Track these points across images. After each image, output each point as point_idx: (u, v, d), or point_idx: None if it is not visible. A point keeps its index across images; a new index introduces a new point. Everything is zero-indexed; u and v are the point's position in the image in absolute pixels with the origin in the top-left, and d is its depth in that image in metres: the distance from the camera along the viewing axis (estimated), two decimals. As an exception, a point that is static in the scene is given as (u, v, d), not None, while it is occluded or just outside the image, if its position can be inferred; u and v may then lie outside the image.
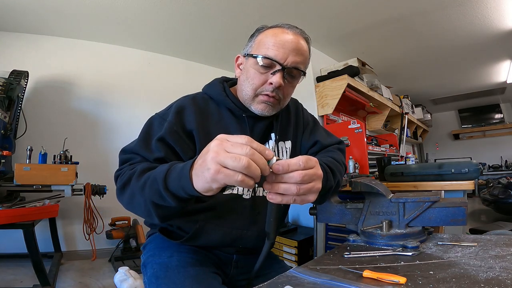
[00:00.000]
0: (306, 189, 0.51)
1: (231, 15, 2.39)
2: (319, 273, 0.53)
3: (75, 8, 2.20)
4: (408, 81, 4.19)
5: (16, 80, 2.04)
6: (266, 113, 0.75)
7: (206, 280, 0.68)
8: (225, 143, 0.45)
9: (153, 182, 0.55)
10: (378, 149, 3.00)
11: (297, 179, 0.49)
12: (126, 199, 0.61)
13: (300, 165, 0.49)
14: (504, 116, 5.44)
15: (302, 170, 0.49)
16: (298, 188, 0.50)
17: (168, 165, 0.55)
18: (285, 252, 2.03)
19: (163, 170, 0.54)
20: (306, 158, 0.51)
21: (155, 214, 0.58)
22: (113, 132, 2.76)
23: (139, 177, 0.58)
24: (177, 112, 0.73)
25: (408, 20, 2.52)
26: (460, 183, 1.46)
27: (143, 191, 0.56)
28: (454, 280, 0.45)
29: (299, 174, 0.49)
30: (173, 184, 0.52)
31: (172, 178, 0.52)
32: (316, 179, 0.53)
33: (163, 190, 0.53)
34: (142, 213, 0.61)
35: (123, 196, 0.62)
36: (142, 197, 0.57)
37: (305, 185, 0.50)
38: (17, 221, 1.54)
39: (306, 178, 0.50)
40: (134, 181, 0.59)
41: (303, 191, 0.50)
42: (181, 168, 0.52)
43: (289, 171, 0.49)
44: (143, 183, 0.56)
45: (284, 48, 0.69)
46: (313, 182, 0.52)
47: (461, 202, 0.67)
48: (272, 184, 0.50)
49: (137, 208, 0.61)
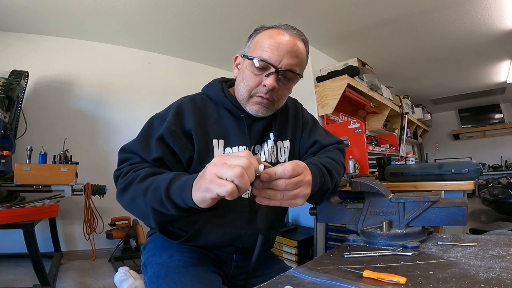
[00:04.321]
0: (291, 196, 0.55)
1: (231, 15, 2.38)
2: (319, 273, 0.53)
3: (75, 8, 2.20)
4: (408, 81, 4.19)
5: (16, 80, 2.04)
6: (261, 114, 0.76)
7: (207, 279, 0.68)
8: (226, 156, 0.48)
9: (156, 189, 0.56)
10: (378, 149, 3.00)
11: (281, 187, 0.53)
12: (127, 201, 0.62)
13: (285, 174, 0.52)
14: (504, 116, 5.44)
15: (287, 179, 0.53)
16: (282, 195, 0.54)
17: (173, 174, 0.57)
18: (285, 252, 2.03)
19: (166, 179, 0.56)
20: (294, 165, 0.54)
21: (153, 219, 0.60)
22: (113, 132, 2.76)
23: (142, 181, 0.60)
24: (176, 112, 0.74)
25: (408, 20, 2.52)
26: (460, 183, 1.46)
27: (145, 196, 0.58)
28: (454, 280, 0.45)
29: (282, 182, 0.53)
30: (175, 193, 0.54)
31: (174, 188, 0.54)
32: (303, 185, 0.56)
33: (164, 198, 0.54)
34: (140, 216, 0.62)
35: (123, 198, 0.63)
36: (144, 202, 0.58)
37: (290, 192, 0.54)
38: (17, 221, 1.53)
39: (290, 186, 0.53)
40: (136, 185, 0.60)
41: (287, 197, 0.54)
42: (185, 179, 0.54)
43: (275, 179, 0.52)
44: (146, 188, 0.58)
45: (279, 50, 0.69)
46: (299, 189, 0.55)
47: (461, 202, 0.67)
48: (260, 190, 0.54)
49: (136, 211, 0.62)
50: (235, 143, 0.76)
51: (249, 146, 0.77)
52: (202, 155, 0.73)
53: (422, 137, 5.60)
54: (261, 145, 0.81)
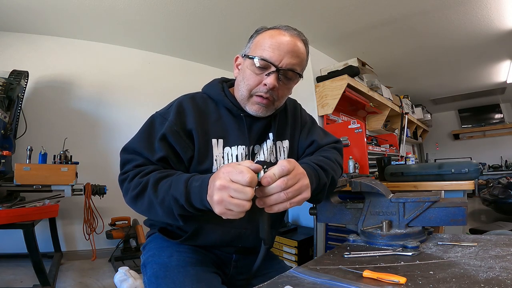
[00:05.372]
0: (294, 191, 0.55)
1: (231, 15, 2.38)
2: (319, 273, 0.53)
3: (75, 8, 2.20)
4: (408, 81, 4.18)
5: (16, 80, 2.04)
6: (260, 114, 0.76)
7: (206, 279, 0.68)
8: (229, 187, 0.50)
9: (176, 201, 0.59)
10: (378, 149, 3.00)
11: (281, 186, 0.53)
12: (143, 209, 0.65)
13: (283, 169, 0.53)
14: (504, 116, 5.44)
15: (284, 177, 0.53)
16: (286, 194, 0.54)
17: (183, 185, 0.59)
18: (285, 252, 2.03)
19: (181, 192, 0.58)
20: (286, 161, 0.55)
21: (181, 221, 0.62)
22: (113, 132, 2.76)
23: (155, 190, 0.62)
24: (178, 112, 0.74)
25: (408, 20, 2.52)
26: (460, 183, 1.46)
27: (164, 205, 0.60)
28: (454, 280, 0.45)
29: (281, 181, 0.53)
30: (196, 203, 0.58)
31: (194, 200, 0.57)
32: (301, 177, 0.57)
33: (188, 208, 0.59)
34: (163, 219, 0.65)
35: (137, 205, 0.65)
36: (164, 210, 0.61)
37: (291, 187, 0.54)
38: (17, 221, 1.53)
39: (290, 182, 0.54)
40: (152, 194, 0.62)
41: (291, 194, 0.54)
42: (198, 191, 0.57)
43: (277, 179, 0.53)
44: (162, 199, 0.60)
45: (280, 50, 0.70)
46: (299, 182, 0.56)
47: (461, 202, 0.67)
48: (263, 200, 0.54)
49: (155, 215, 0.65)
50: (235, 142, 0.77)
51: (248, 145, 0.77)
52: (202, 155, 0.73)
53: (422, 137, 5.60)
54: (260, 145, 0.82)
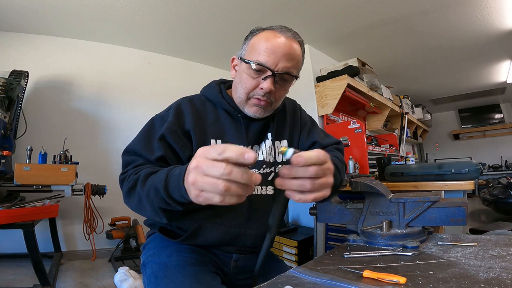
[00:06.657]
0: (319, 185, 0.50)
1: (231, 15, 2.38)
2: (319, 273, 0.53)
3: (75, 8, 2.20)
4: (408, 81, 4.18)
5: (16, 80, 2.04)
6: (259, 115, 0.77)
7: (205, 279, 0.68)
8: (202, 164, 0.43)
9: (156, 192, 0.55)
10: (378, 149, 3.00)
11: (312, 173, 0.48)
12: (134, 204, 0.64)
13: (320, 158, 0.48)
14: (504, 116, 5.44)
15: (318, 165, 0.48)
16: (312, 184, 0.49)
17: (164, 174, 0.55)
18: (285, 252, 2.03)
19: (161, 180, 0.54)
20: (322, 151, 0.50)
21: (163, 216, 0.60)
22: (113, 132, 2.76)
23: (144, 184, 0.60)
24: (176, 113, 0.76)
25: (408, 20, 2.52)
26: (460, 183, 1.46)
27: (149, 198, 0.58)
28: (454, 280, 0.45)
29: (314, 169, 0.48)
30: (174, 193, 0.52)
31: (172, 188, 0.52)
32: (328, 174, 0.52)
33: (167, 199, 0.54)
34: (151, 216, 0.63)
35: (130, 201, 0.65)
36: (149, 204, 0.59)
37: (319, 179, 0.49)
38: (17, 221, 1.54)
39: (321, 172, 0.49)
40: (140, 188, 0.60)
41: (317, 186, 0.49)
42: (177, 177, 0.51)
43: (308, 165, 0.47)
44: (148, 191, 0.58)
45: (275, 53, 0.70)
46: (326, 177, 0.52)
47: (461, 202, 0.66)
48: (285, 181, 0.49)
49: (144, 212, 0.63)
50: (232, 143, 0.77)
51: (247, 146, 0.78)
52: None
53: (422, 137, 5.60)
54: (259, 145, 0.82)
